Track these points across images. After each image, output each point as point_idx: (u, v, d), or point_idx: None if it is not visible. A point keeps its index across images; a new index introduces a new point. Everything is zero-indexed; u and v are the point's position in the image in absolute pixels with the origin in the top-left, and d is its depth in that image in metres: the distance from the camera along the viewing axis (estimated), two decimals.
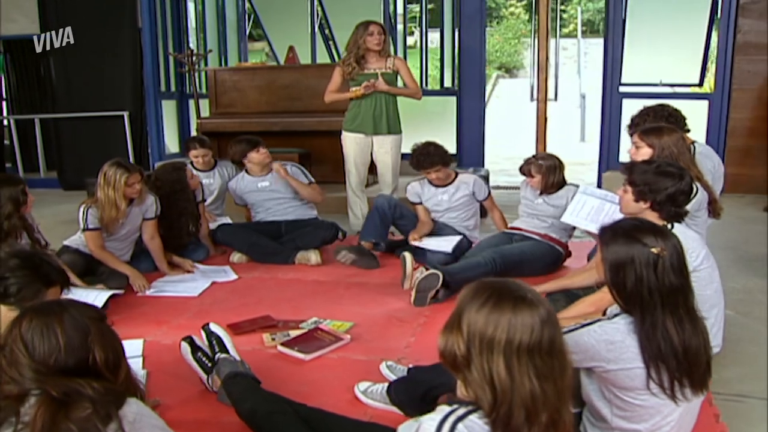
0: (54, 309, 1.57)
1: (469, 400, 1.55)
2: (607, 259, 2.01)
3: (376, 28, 5.05)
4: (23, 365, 1.51)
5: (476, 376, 1.52)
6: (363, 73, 5.09)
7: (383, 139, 5.16)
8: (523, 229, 4.41)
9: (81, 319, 1.55)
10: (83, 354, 1.52)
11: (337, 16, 8.20)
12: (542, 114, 6.68)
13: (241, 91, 7.10)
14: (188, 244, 4.64)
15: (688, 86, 7.14)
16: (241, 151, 4.75)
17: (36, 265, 2.08)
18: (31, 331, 1.52)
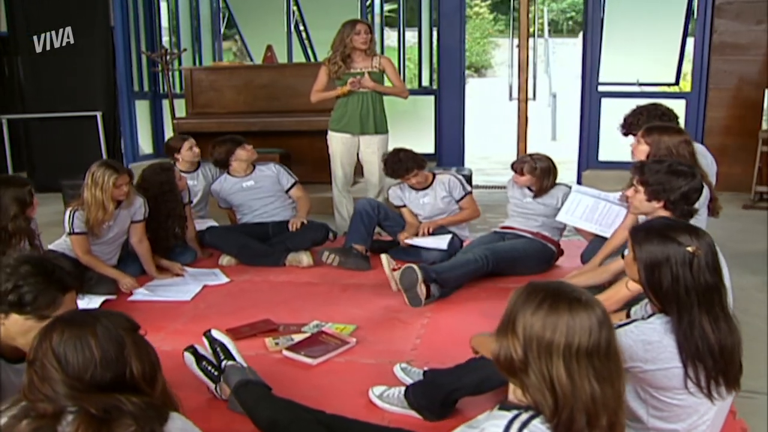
0: (86, 320, 1.47)
1: (525, 405, 1.52)
2: (641, 259, 1.99)
3: (363, 27, 4.99)
4: (56, 381, 1.41)
5: (535, 380, 1.48)
6: (349, 72, 5.03)
7: (370, 139, 5.11)
8: (515, 228, 4.39)
9: (114, 329, 1.46)
10: (120, 367, 1.43)
11: (314, 15, 8.11)
12: (523, 113, 6.67)
13: (218, 91, 6.99)
14: (175, 246, 4.52)
15: (665, 86, 7.24)
16: (227, 150, 4.68)
17: (49, 271, 1.97)
18: (63, 344, 1.42)
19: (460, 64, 7.33)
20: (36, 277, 1.91)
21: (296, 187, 4.80)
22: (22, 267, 1.89)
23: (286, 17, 7.94)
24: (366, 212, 4.57)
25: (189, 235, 4.65)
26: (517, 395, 1.55)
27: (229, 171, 4.78)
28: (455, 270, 3.82)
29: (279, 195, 4.77)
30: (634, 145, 3.47)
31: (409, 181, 4.56)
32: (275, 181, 4.78)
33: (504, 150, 10.27)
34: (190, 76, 7.02)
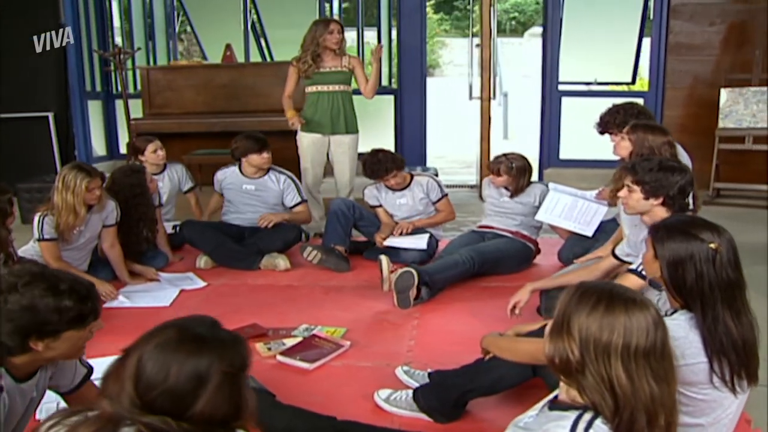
0: (186, 348, 1.37)
1: (579, 405, 1.50)
2: (664, 256, 2.00)
3: (336, 26, 4.95)
4: (125, 389, 1.34)
5: (592, 381, 1.47)
6: (319, 72, 4.97)
7: (341, 139, 5.06)
8: (494, 228, 4.40)
9: (208, 368, 1.35)
10: (184, 402, 1.35)
11: (271, 14, 7.99)
12: (486, 112, 6.71)
13: (176, 91, 6.83)
14: (146, 251, 4.38)
15: (621, 85, 7.38)
16: (244, 149, 4.54)
17: (83, 281, 1.91)
18: (149, 360, 1.35)
19: (421, 63, 7.33)
20: (82, 289, 1.84)
21: (301, 205, 4.68)
22: (63, 283, 1.81)
23: (243, 16, 7.79)
24: (342, 212, 4.51)
25: (160, 238, 4.51)
26: (570, 395, 1.54)
27: (240, 167, 4.65)
28: (444, 272, 3.81)
29: (272, 208, 4.65)
30: (617, 141, 3.51)
31: (388, 182, 4.53)
32: (278, 195, 4.64)
33: (460, 149, 10.35)
34: (146, 76, 6.83)
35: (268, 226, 4.45)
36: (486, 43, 6.65)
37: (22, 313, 1.75)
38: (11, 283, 1.77)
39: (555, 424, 1.46)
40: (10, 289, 1.76)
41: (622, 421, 1.45)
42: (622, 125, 3.95)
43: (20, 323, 1.76)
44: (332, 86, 5.00)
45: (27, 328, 1.78)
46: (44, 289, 1.78)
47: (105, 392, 1.38)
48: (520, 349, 2.27)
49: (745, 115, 6.12)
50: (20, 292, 1.76)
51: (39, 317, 1.77)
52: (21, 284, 1.77)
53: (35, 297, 1.76)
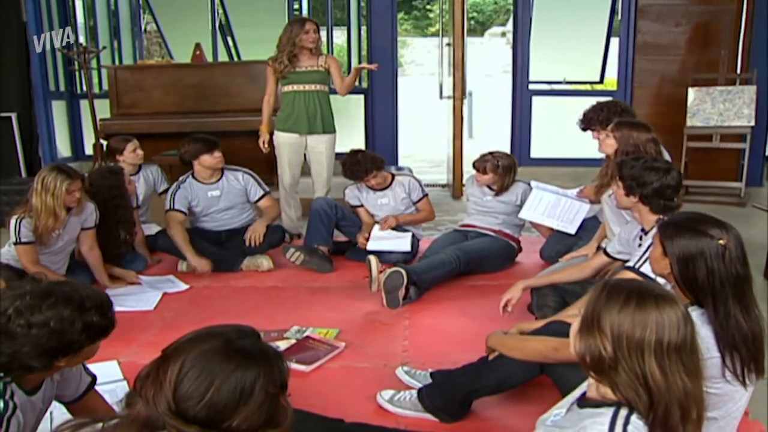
0: (232, 361, 1.32)
1: (610, 401, 1.51)
2: (674, 253, 2.02)
3: (312, 26, 4.90)
4: (163, 394, 1.30)
5: (626, 378, 1.47)
6: (295, 71, 4.93)
7: (318, 139, 5.02)
8: (477, 226, 4.41)
9: (252, 384, 1.32)
10: (221, 416, 1.31)
11: (239, 14, 7.90)
12: (459, 111, 6.73)
13: (144, 91, 6.70)
14: (125, 254, 4.29)
15: (590, 84, 7.48)
16: (194, 151, 4.41)
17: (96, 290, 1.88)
18: (192, 368, 1.31)
19: (392, 62, 7.32)
20: (103, 302, 1.80)
21: (266, 198, 4.59)
22: (87, 300, 1.77)
23: (210, 15, 7.69)
24: (324, 212, 4.48)
25: (138, 241, 4.42)
26: (601, 392, 1.54)
27: (193, 173, 4.53)
28: (431, 271, 3.81)
29: (242, 206, 4.58)
30: (602, 139, 3.54)
31: (368, 183, 4.51)
32: (242, 193, 4.56)
33: (427, 148, 10.38)
34: (114, 75, 6.70)
35: (257, 241, 4.36)
36: (458, 42, 6.67)
37: (50, 337, 1.71)
38: (32, 305, 1.71)
39: (592, 421, 1.46)
40: (32, 311, 1.70)
41: (657, 416, 1.46)
42: (606, 122, 4.01)
43: (48, 347, 1.72)
44: (309, 86, 4.95)
45: (55, 350, 1.74)
46: (72, 310, 1.74)
47: (141, 393, 1.34)
48: (529, 348, 2.28)
49: (712, 113, 6.24)
50: (47, 315, 1.70)
51: (67, 338, 1.74)
52: (46, 306, 1.71)
53: (65, 320, 1.72)
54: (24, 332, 1.69)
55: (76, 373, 2.08)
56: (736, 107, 6.14)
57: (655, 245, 2.14)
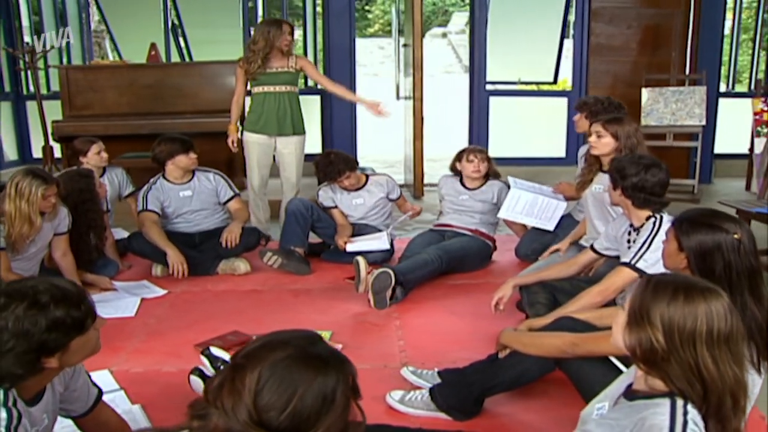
0: (312, 368, 1.29)
1: (660, 392, 1.54)
2: (691, 248, 2.08)
3: (288, 27, 4.87)
4: (242, 402, 1.26)
5: (678, 369, 1.51)
6: (265, 72, 4.88)
7: (287, 140, 4.97)
8: (453, 226, 4.44)
9: (333, 389, 1.29)
10: (306, 424, 1.28)
11: (191, 14, 7.75)
12: (418, 113, 6.76)
13: (98, 92, 6.50)
14: (96, 259, 4.16)
15: (544, 84, 7.62)
16: (170, 151, 4.32)
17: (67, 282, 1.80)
18: (271, 377, 1.27)
19: (351, 63, 7.30)
20: (67, 293, 1.71)
21: (235, 200, 4.52)
22: (42, 294, 1.66)
23: (163, 15, 7.52)
24: (300, 213, 4.44)
25: (108, 245, 4.30)
26: (650, 384, 1.57)
27: (164, 174, 4.43)
28: (416, 271, 3.82)
29: (213, 207, 4.50)
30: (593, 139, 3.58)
31: (342, 183, 4.49)
32: (213, 193, 4.48)
33: (380, 150, 10.37)
34: (65, 76, 6.47)
35: (233, 242, 4.29)
36: (417, 43, 6.71)
37: (17, 340, 1.61)
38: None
39: (651, 412, 1.48)
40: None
41: (711, 405, 1.50)
42: (596, 115, 4.05)
43: (21, 350, 1.61)
44: (279, 87, 4.90)
45: (30, 352, 1.64)
46: (27, 308, 1.64)
47: (217, 404, 1.30)
48: (547, 344, 2.31)
49: (665, 113, 6.44)
50: (2, 318, 1.60)
51: (36, 338, 1.63)
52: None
53: (22, 319, 1.61)
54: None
55: (84, 385, 2.01)
56: (687, 107, 6.35)
57: (670, 241, 2.19)
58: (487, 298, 3.65)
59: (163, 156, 4.36)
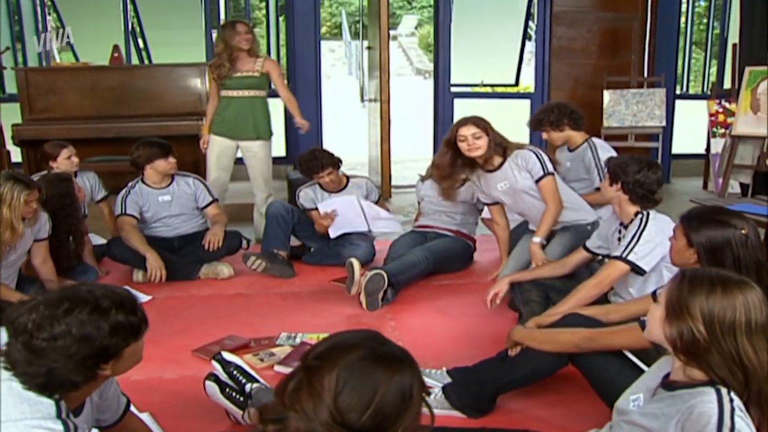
0: (388, 367, 1.31)
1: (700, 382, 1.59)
2: (701, 243, 2.18)
3: (243, 27, 4.86)
4: (323, 404, 1.27)
5: (720, 358, 1.57)
6: (232, 77, 4.88)
7: (249, 145, 4.98)
8: (434, 227, 4.48)
9: (410, 387, 1.32)
10: (387, 423, 1.30)
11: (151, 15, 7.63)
12: (386, 115, 6.80)
13: (59, 94, 6.34)
14: (76, 265, 4.06)
15: (506, 86, 7.75)
16: (149, 155, 4.25)
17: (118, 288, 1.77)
18: (349, 378, 1.29)
19: (316, 64, 7.28)
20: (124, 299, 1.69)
21: (213, 205, 4.48)
22: (103, 299, 1.64)
23: (123, 17, 7.38)
24: (281, 216, 4.43)
25: (86, 251, 4.21)
26: (688, 374, 1.63)
27: (143, 178, 4.36)
28: (405, 272, 3.84)
29: (192, 212, 4.46)
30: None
31: (323, 180, 4.47)
32: (192, 198, 4.43)
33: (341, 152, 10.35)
34: (24, 78, 6.28)
35: (217, 245, 4.26)
36: (384, 46, 6.73)
37: (79, 345, 1.58)
38: (49, 315, 1.57)
39: (699, 400, 1.54)
40: (51, 322, 1.57)
41: (752, 392, 1.56)
42: (556, 123, 4.22)
43: (81, 356, 1.59)
44: (241, 91, 4.91)
45: (91, 358, 1.62)
46: (90, 312, 1.62)
47: (295, 407, 1.30)
48: (562, 339, 2.36)
49: (626, 114, 6.62)
50: (66, 323, 1.57)
51: (97, 343, 1.60)
52: (62, 314, 1.58)
53: (86, 324, 1.59)
54: (51, 346, 1.56)
55: (114, 394, 1.98)
56: (648, 108, 6.54)
57: (678, 238, 2.28)
58: (475, 298, 3.74)
59: (141, 160, 4.30)
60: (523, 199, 3.79)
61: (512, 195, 3.79)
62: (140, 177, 4.37)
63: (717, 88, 6.99)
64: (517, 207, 3.92)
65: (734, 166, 5.93)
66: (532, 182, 3.73)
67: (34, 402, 1.57)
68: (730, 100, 6.52)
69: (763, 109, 5.68)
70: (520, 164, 3.73)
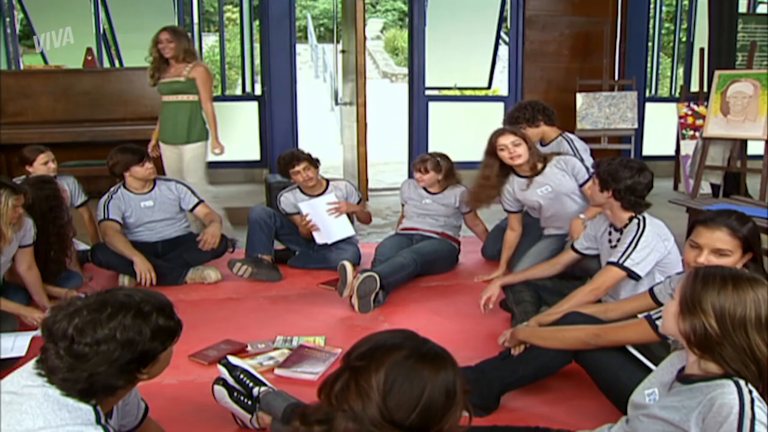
0: (432, 364, 1.36)
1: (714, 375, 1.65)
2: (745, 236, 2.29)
3: (164, 35, 4.92)
4: (372, 403, 1.29)
5: (733, 351, 1.63)
6: (163, 82, 4.98)
7: (184, 149, 5.01)
8: (420, 229, 4.51)
9: (454, 384, 1.36)
10: (434, 419, 1.33)
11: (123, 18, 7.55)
12: (362, 118, 6.81)
13: (31, 98, 6.27)
14: (60, 271, 4.00)
15: (479, 89, 7.83)
16: (125, 162, 4.21)
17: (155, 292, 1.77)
18: (397, 377, 1.31)
19: (291, 68, 7.27)
20: (163, 303, 1.70)
21: (201, 206, 4.45)
22: (145, 304, 1.65)
23: (94, 19, 7.29)
24: (263, 221, 4.41)
25: (71, 257, 4.14)
26: (703, 367, 1.68)
27: (124, 183, 4.32)
28: (395, 275, 3.86)
29: (175, 216, 4.44)
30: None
31: (299, 176, 4.45)
32: (176, 203, 4.41)
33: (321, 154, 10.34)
34: None
35: (214, 245, 4.26)
36: (360, 49, 6.76)
37: (123, 350, 1.59)
38: (92, 320, 1.59)
39: (720, 392, 1.59)
40: (94, 327, 1.58)
41: (765, 384, 1.63)
42: (531, 120, 4.31)
43: (124, 360, 1.60)
44: (171, 96, 4.99)
45: (132, 363, 1.63)
46: (133, 316, 1.63)
47: (343, 407, 1.32)
48: (568, 337, 2.41)
49: (599, 117, 6.74)
50: (110, 327, 1.59)
51: (139, 347, 1.62)
52: (105, 318, 1.60)
53: (129, 328, 1.61)
54: (93, 351, 1.57)
55: (135, 398, 1.98)
56: (620, 111, 6.67)
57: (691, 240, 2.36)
58: (466, 298, 3.80)
59: (118, 168, 4.27)
60: (563, 202, 3.94)
61: (553, 199, 3.94)
62: (122, 182, 4.33)
63: (686, 92, 7.15)
64: (550, 211, 4.01)
65: (705, 167, 6.07)
66: (576, 186, 3.90)
67: (73, 408, 1.56)
68: (698, 103, 6.68)
69: (733, 111, 5.82)
70: (565, 168, 3.93)
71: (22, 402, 1.57)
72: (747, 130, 5.77)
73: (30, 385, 1.62)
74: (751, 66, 6.04)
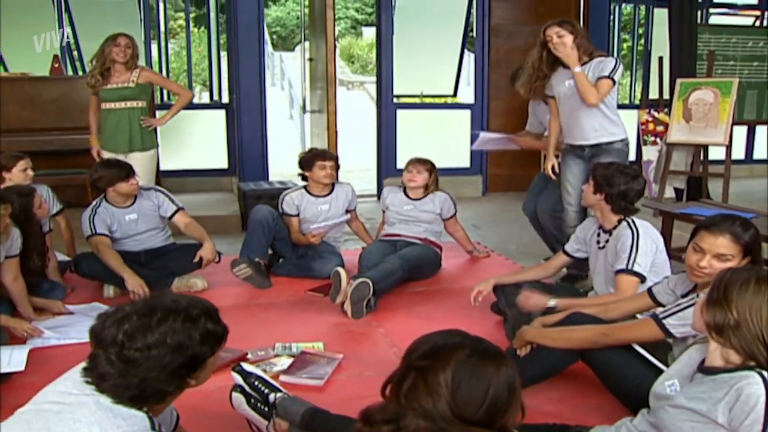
0: (493, 361, 1.43)
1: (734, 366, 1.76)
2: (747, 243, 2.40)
3: (125, 39, 4.90)
4: (442, 400, 1.34)
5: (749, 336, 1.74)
6: (107, 88, 4.92)
7: (132, 156, 4.90)
8: (403, 235, 4.57)
9: (513, 378, 1.44)
10: (498, 413, 1.39)
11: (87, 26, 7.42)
12: (333, 126, 6.85)
13: None
14: (42, 282, 3.94)
15: (445, 97, 7.95)
16: (110, 178, 4.15)
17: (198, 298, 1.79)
18: (464, 375, 1.37)
19: (260, 76, 7.27)
20: (209, 308, 1.72)
21: (180, 213, 4.40)
22: (193, 309, 1.67)
23: (57, 26, 7.15)
24: (267, 223, 4.38)
25: (51, 268, 4.09)
26: (725, 356, 1.79)
27: (106, 197, 4.26)
28: (385, 280, 3.90)
29: (158, 226, 4.40)
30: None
31: (323, 170, 4.49)
32: (156, 212, 4.37)
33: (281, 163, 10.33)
34: None
35: (213, 262, 4.25)
36: (330, 57, 6.80)
37: (174, 355, 1.61)
38: (142, 325, 1.61)
39: (746, 383, 1.69)
40: (144, 332, 1.60)
41: None
42: None
43: (175, 365, 1.62)
44: (117, 103, 4.94)
45: (182, 368, 1.65)
46: (183, 321, 1.66)
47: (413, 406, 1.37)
48: (576, 336, 2.50)
49: None
50: (160, 332, 1.61)
51: (190, 352, 1.64)
52: (155, 323, 1.62)
53: (180, 333, 1.63)
54: (144, 356, 1.59)
55: (170, 406, 1.98)
56: None
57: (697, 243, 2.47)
58: (454, 302, 3.89)
59: (102, 183, 4.21)
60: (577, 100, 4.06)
61: (570, 97, 4.11)
62: (103, 196, 4.28)
63: (645, 99, 7.37)
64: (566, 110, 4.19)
65: (669, 172, 6.29)
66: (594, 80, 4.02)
67: (127, 416, 1.57)
68: (658, 110, 6.90)
69: (695, 118, 6.06)
70: (599, 67, 4.04)
71: (74, 411, 1.57)
72: (709, 135, 6.02)
73: (78, 393, 1.62)
74: (711, 74, 6.29)
